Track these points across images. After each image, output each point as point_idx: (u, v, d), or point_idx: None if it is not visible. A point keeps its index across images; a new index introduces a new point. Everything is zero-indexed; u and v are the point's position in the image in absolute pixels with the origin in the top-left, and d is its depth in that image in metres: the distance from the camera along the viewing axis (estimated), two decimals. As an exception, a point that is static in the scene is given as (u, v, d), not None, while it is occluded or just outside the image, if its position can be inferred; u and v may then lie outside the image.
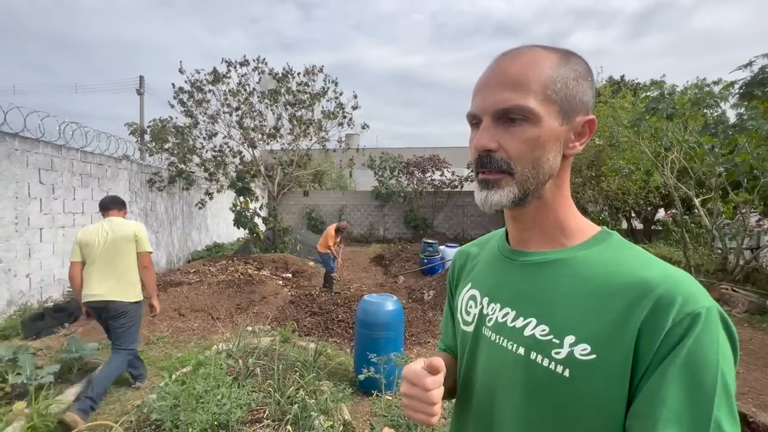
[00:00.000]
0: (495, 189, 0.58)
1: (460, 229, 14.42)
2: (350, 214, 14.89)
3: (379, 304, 3.22)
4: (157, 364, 3.74)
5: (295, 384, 2.80)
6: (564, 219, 0.61)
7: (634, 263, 0.54)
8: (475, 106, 0.59)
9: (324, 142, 10.04)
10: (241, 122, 8.97)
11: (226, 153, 9.25)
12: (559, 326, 0.54)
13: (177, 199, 9.33)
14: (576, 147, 0.60)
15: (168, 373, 3.12)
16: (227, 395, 2.39)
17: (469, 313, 0.69)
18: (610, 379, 0.49)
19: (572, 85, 0.57)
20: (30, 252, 5.28)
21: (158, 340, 4.32)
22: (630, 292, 0.50)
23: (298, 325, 4.79)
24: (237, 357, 3.27)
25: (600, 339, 0.50)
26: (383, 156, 14.52)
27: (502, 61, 0.59)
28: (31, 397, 2.64)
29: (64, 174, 5.89)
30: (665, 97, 6.53)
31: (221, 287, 5.75)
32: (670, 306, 0.47)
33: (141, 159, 8.62)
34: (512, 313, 0.60)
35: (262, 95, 9.17)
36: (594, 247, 0.58)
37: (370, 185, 15.06)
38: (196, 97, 8.78)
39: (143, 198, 7.94)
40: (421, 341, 4.34)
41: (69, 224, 5.95)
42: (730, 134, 5.89)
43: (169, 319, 4.83)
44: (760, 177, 6.10)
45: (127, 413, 2.76)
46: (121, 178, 7.23)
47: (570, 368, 0.52)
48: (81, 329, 4.41)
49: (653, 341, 0.47)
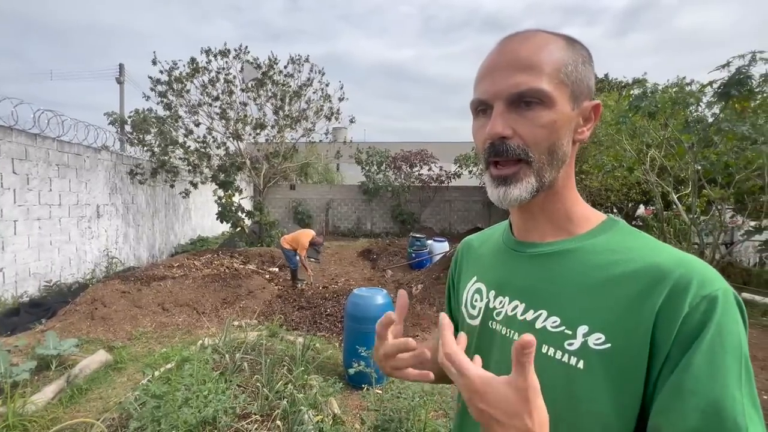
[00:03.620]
0: (513, 183, 0.55)
1: (447, 223, 14.52)
2: (337, 208, 14.81)
3: (369, 297, 3.21)
4: (141, 360, 3.65)
5: (283, 379, 2.77)
6: (571, 207, 0.60)
7: (644, 249, 0.53)
8: (483, 92, 0.56)
9: (310, 134, 9.91)
10: (223, 113, 8.77)
11: (209, 144, 9.04)
12: (570, 317, 0.53)
13: (159, 191, 9.09)
14: (584, 132, 0.58)
15: (151, 370, 3.04)
16: (214, 391, 2.35)
17: (475, 306, 0.67)
18: (627, 368, 0.48)
19: (581, 68, 0.56)
20: (3, 245, 5.07)
21: (141, 335, 4.22)
22: (643, 278, 0.49)
23: (285, 320, 4.75)
24: (223, 352, 3.21)
25: (614, 327, 0.49)
26: (371, 150, 14.46)
27: (510, 44, 0.56)
28: (6, 395, 2.54)
29: (40, 164, 5.65)
30: (647, 95, 6.68)
31: (206, 281, 5.65)
32: (686, 290, 0.46)
33: (121, 150, 8.36)
34: (522, 306, 0.58)
35: (247, 86, 8.98)
36: (601, 235, 0.57)
37: (358, 179, 14.99)
38: (175, 88, 8.54)
39: (124, 190, 7.71)
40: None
41: (45, 216, 5.73)
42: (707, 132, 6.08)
43: (153, 314, 4.72)
44: (735, 174, 6.32)
45: (109, 410, 2.69)
46: (101, 170, 6.99)
47: (585, 359, 0.50)
48: (59, 325, 4.26)
49: (671, 327, 0.46)
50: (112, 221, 7.29)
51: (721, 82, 6.06)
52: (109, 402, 2.90)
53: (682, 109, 6.67)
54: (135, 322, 4.50)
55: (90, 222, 6.63)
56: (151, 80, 8.58)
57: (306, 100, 9.54)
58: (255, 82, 8.89)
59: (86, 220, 6.53)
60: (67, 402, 2.89)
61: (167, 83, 8.55)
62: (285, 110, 9.28)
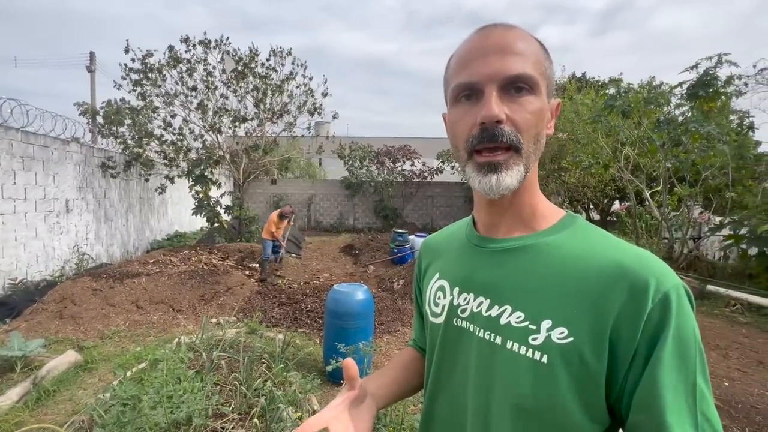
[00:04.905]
0: (505, 171, 0.53)
1: (429, 219, 14.62)
2: (319, 203, 14.68)
3: (349, 293, 3.20)
4: (113, 359, 3.53)
5: (262, 376, 2.73)
6: (536, 203, 0.60)
7: (603, 246, 0.54)
8: (473, 74, 0.54)
9: (292, 128, 9.75)
10: (201, 104, 8.52)
11: (185, 136, 8.76)
12: (534, 312, 0.53)
13: (133, 185, 8.78)
14: (551, 128, 0.59)
15: (123, 370, 2.95)
16: (189, 390, 2.29)
17: (438, 304, 0.66)
18: (588, 361, 0.49)
19: (550, 66, 0.57)
20: (-38, 241, 4.79)
21: (114, 334, 4.08)
22: (604, 274, 0.50)
23: (265, 316, 4.69)
24: (200, 350, 3.14)
25: (577, 321, 0.50)
26: (353, 145, 14.37)
27: (495, 31, 0.55)
28: (-34, 399, 2.41)
29: (2, 156, 5.36)
30: (621, 95, 6.88)
31: (183, 278, 5.51)
32: (647, 287, 0.48)
33: (92, 142, 8.01)
34: (486, 302, 0.58)
35: (228, 78, 8.74)
36: (563, 231, 0.57)
37: (340, 174, 14.88)
38: (150, 77, 8.24)
39: (95, 184, 7.40)
40: (391, 330, 4.38)
41: (9, 211, 5.45)
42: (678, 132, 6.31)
43: (126, 312, 4.57)
44: (702, 172, 6.59)
45: (78, 413, 2.59)
46: (70, 162, 6.69)
47: (548, 353, 0.51)
48: (25, 324, 4.08)
49: (636, 323, 0.47)
50: (82, 216, 7.00)
51: (690, 83, 6.30)
52: (79, 404, 2.80)
53: (654, 109, 6.90)
54: (107, 320, 4.35)
55: (59, 217, 6.35)
56: (123, 68, 8.23)
57: (288, 94, 9.36)
58: (235, 73, 8.66)
59: (54, 215, 6.25)
60: (33, 405, 2.77)
61: (142, 72, 8.23)
62: (266, 103, 9.09)
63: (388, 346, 3.94)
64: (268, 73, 8.95)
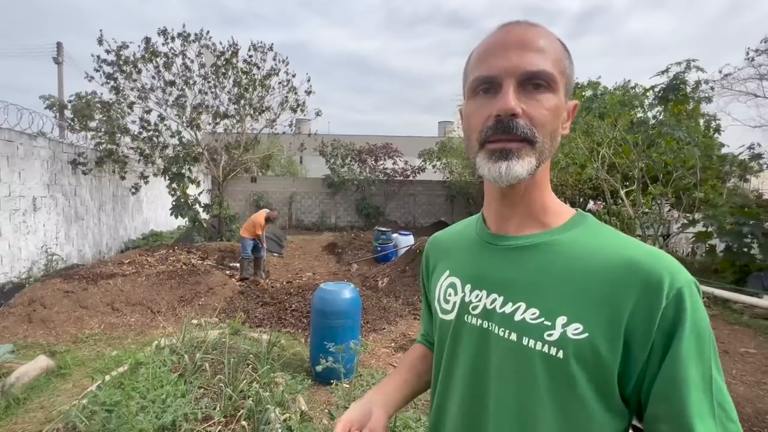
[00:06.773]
0: (516, 159, 0.53)
1: (411, 217, 14.69)
2: (301, 201, 14.51)
3: (336, 292, 3.18)
4: (88, 364, 3.38)
5: (248, 377, 2.68)
6: (547, 200, 0.61)
7: (615, 243, 0.55)
8: (492, 68, 0.54)
9: (273, 125, 9.58)
10: (178, 100, 8.25)
11: (162, 132, 8.46)
12: (549, 308, 0.54)
13: (106, 182, 8.42)
14: (566, 129, 0.60)
15: (101, 375, 2.83)
16: (173, 394, 2.22)
17: (449, 301, 0.66)
18: (604, 355, 0.50)
19: (571, 67, 0.58)
20: None
21: (88, 338, 3.91)
22: (618, 271, 0.52)
23: (248, 317, 4.60)
24: (182, 352, 3.05)
25: (592, 317, 0.51)
26: (335, 143, 14.26)
27: (517, 28, 0.56)
28: (-73, 410, 2.26)
29: (-38, 151, 5.04)
30: (597, 97, 7.11)
31: (161, 279, 5.33)
32: (661, 283, 0.49)
33: (61, 137, 7.63)
34: (500, 299, 0.59)
35: (207, 73, 8.50)
36: (574, 229, 0.58)
37: (322, 173, 14.75)
38: (125, 70, 7.91)
39: (64, 181, 7.06)
40: (377, 328, 4.38)
41: (-30, 210, 5.13)
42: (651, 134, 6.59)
43: (101, 315, 4.39)
44: (673, 172, 6.91)
45: (52, 420, 2.47)
46: (37, 158, 6.35)
47: (564, 349, 0.52)
48: (-10, 330, 3.85)
49: (651, 319, 0.49)
50: (51, 215, 6.66)
51: (660, 87, 6.59)
52: (53, 412, 2.67)
53: (628, 110, 7.16)
54: (80, 323, 4.17)
55: (25, 216, 6.02)
56: (96, 60, 7.85)
57: (270, 90, 9.19)
58: (215, 68, 8.43)
59: (20, 213, 5.92)
60: (2, 414, 2.63)
61: (116, 64, 7.88)
62: (247, 99, 8.89)
63: (374, 344, 3.94)
64: (250, 69, 8.75)
